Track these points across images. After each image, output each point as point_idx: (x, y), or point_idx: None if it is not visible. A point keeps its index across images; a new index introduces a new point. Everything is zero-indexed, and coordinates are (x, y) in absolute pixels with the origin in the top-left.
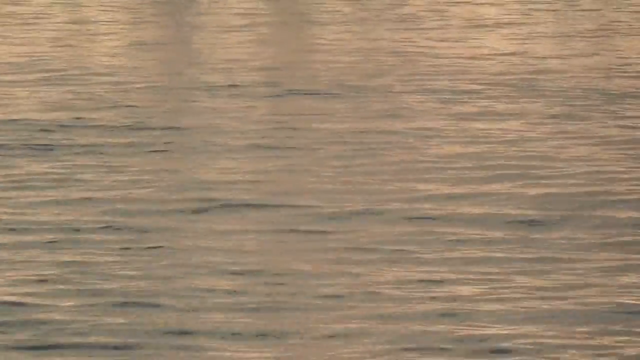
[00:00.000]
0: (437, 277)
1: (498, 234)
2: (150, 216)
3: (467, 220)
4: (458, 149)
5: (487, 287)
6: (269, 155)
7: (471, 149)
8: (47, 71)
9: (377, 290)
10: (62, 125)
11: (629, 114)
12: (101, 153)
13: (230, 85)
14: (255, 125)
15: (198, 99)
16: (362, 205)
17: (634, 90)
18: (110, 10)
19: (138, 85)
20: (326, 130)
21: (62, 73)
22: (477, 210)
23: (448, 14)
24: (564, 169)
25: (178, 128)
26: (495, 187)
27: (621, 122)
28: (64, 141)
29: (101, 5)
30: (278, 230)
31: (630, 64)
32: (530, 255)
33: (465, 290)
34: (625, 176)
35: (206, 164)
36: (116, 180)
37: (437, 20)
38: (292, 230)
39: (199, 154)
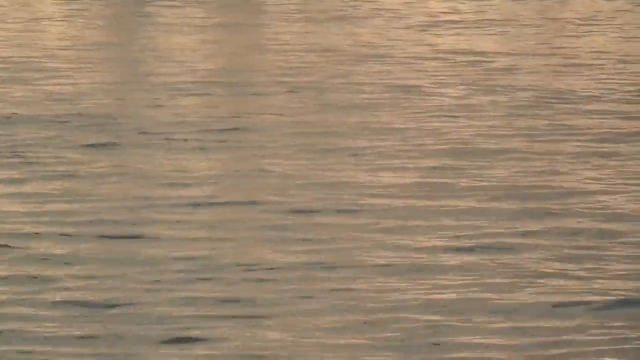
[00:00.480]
0: (402, 267)
1: (452, 224)
2: (117, 211)
3: (426, 213)
4: (416, 144)
5: (449, 277)
6: (227, 153)
7: (428, 145)
8: (2, 70)
9: (343, 284)
10: (19, 122)
11: (579, 109)
12: (60, 155)
13: (185, 84)
14: (213, 123)
15: (155, 98)
16: (325, 199)
17: (582, 89)
18: (64, 10)
19: (93, 85)
20: (284, 128)
21: (17, 73)
22: (433, 203)
23: (401, 13)
24: (517, 165)
25: (135, 127)
26: (451, 181)
27: (572, 121)
28: (22, 140)
29: (55, 5)
30: (244, 226)
31: (579, 64)
32: (477, 242)
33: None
34: (577, 172)
35: (165, 162)
36: (75, 177)
37: (391, 18)
38: (258, 226)
39: (156, 152)
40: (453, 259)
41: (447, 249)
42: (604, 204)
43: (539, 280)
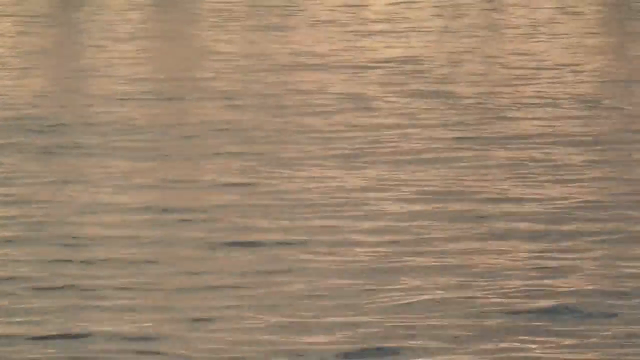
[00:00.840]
0: (348, 269)
1: (393, 226)
2: (56, 216)
3: (368, 217)
4: (359, 152)
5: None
6: (167, 160)
7: (369, 152)
8: None
9: (289, 287)
10: None
11: (518, 116)
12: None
13: (124, 92)
14: (153, 130)
15: (93, 106)
16: (267, 206)
17: (521, 96)
18: (3, 19)
19: (33, 92)
20: (223, 135)
21: None
22: (375, 208)
23: (339, 22)
24: (453, 171)
25: (73, 133)
26: (392, 186)
27: (509, 127)
28: None
29: None
30: (185, 233)
31: (517, 73)
32: (417, 245)
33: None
34: (516, 177)
35: (103, 168)
36: (15, 183)
37: (329, 27)
38: (201, 229)
39: (96, 158)
40: (397, 262)
41: (391, 254)
42: (539, 208)
43: (471, 281)
